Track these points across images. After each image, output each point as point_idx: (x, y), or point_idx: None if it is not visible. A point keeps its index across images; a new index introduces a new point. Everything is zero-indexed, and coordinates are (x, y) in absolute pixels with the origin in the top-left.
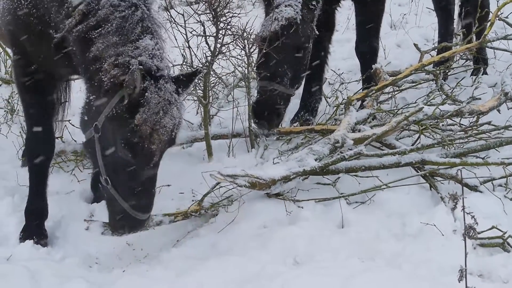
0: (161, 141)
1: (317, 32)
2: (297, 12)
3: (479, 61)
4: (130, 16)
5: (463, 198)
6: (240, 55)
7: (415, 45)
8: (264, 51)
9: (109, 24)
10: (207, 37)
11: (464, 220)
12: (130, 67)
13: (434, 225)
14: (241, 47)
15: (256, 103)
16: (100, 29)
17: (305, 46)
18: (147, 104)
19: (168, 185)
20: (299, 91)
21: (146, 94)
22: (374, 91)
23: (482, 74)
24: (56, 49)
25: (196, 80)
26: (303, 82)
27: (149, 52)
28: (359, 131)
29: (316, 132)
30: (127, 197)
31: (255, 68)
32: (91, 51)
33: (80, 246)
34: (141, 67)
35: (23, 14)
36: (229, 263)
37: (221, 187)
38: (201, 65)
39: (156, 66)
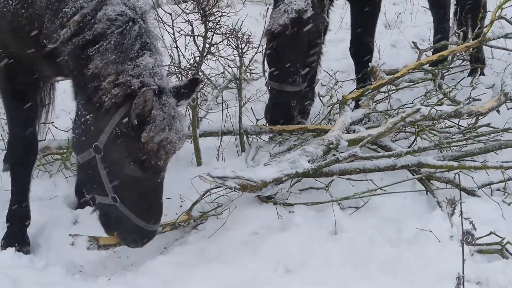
0: (168, 156)
1: (328, 20)
2: (307, 3)
3: (477, 61)
4: (128, 32)
5: (460, 203)
6: (232, 55)
7: (414, 43)
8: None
9: (107, 41)
10: (196, 36)
11: (462, 225)
12: (132, 87)
13: (431, 231)
14: (234, 46)
15: (269, 107)
16: (97, 45)
17: (317, 42)
18: (153, 122)
19: None
20: None
21: (152, 111)
22: (370, 90)
23: (480, 75)
24: (47, 57)
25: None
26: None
27: (149, 71)
28: (354, 132)
29: (310, 131)
30: (138, 211)
31: (264, 66)
32: (89, 69)
33: (64, 253)
34: (154, 87)
35: (9, 14)
36: (218, 270)
37: (210, 194)
38: (189, 66)
39: (158, 85)
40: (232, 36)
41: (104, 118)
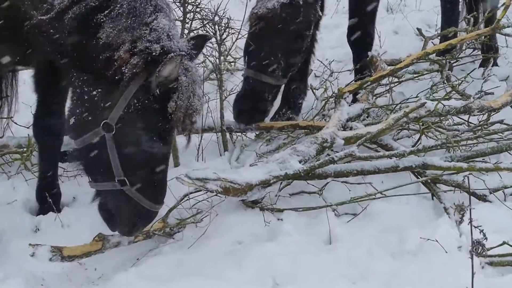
0: (193, 124)
1: (321, 14)
2: None
3: (489, 51)
4: None
5: (470, 209)
6: (211, 43)
7: (419, 30)
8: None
9: (118, 5)
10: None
11: (471, 234)
12: (153, 53)
13: (437, 241)
14: (212, 33)
15: (239, 96)
16: (107, 11)
17: (305, 34)
18: (180, 89)
19: None
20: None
21: (179, 78)
22: (369, 83)
23: (493, 66)
24: (21, 37)
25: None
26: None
27: (167, 34)
28: (351, 129)
29: (301, 128)
30: (147, 193)
31: (243, 53)
32: (99, 38)
33: (24, 265)
34: (182, 52)
35: None
36: (198, 285)
37: (189, 198)
38: None
39: (178, 48)
40: (211, 21)
41: (115, 91)
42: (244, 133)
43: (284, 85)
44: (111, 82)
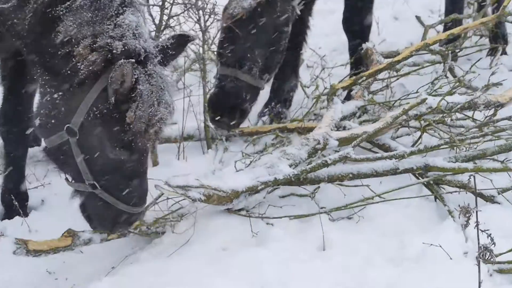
0: (157, 135)
1: (298, 12)
2: None
3: (497, 39)
4: None
5: (476, 212)
6: (193, 30)
7: (417, 17)
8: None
9: None
10: (151, 7)
11: (478, 239)
12: (114, 51)
13: (440, 246)
14: (195, 19)
15: (214, 95)
16: (68, 2)
17: (283, 30)
18: (140, 98)
19: None
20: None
21: (137, 86)
22: (364, 78)
23: (501, 55)
24: None
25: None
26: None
27: (133, 31)
28: (346, 128)
29: (290, 131)
30: (121, 196)
31: (217, 49)
32: (58, 32)
33: None
34: (132, 60)
35: None
36: None
37: (168, 198)
38: None
39: (144, 48)
40: (193, 6)
41: (78, 94)
42: (227, 140)
43: (274, 77)
44: (72, 84)
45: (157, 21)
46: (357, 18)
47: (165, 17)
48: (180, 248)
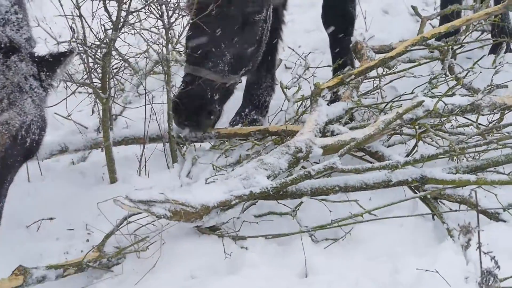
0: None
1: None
2: None
3: (501, 33)
4: None
5: (478, 231)
6: (156, 27)
7: (414, 8)
8: (192, 21)
9: None
10: (107, 1)
11: (481, 262)
12: None
13: (437, 272)
14: (157, 15)
15: (178, 96)
16: None
17: (255, 19)
18: None
19: (51, 219)
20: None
21: None
22: (353, 76)
23: (506, 52)
24: None
25: (68, 64)
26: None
27: (1, 16)
28: (332, 134)
29: (272, 134)
30: None
31: (184, 47)
32: None
33: None
34: None
35: None
36: None
37: (129, 222)
38: (99, 42)
39: (8, 37)
40: (155, 0)
41: None
42: (200, 142)
43: (246, 80)
44: None
45: (114, 17)
46: (338, 10)
47: (123, 13)
48: (144, 277)
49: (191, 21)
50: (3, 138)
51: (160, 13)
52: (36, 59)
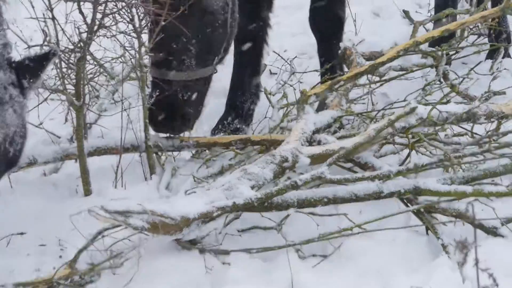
0: None
1: None
2: None
3: (499, 38)
4: None
5: (476, 247)
6: (132, 31)
7: (405, 12)
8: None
9: None
10: (82, 3)
11: (478, 280)
12: None
13: None
14: (128, 19)
15: (153, 104)
16: None
17: (220, 6)
18: None
19: (21, 233)
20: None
21: None
22: (342, 83)
23: (504, 57)
24: None
25: (50, 67)
26: (226, 51)
27: None
28: (320, 143)
29: (255, 144)
30: None
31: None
32: None
33: None
34: None
35: None
36: None
37: (104, 236)
38: (73, 46)
39: None
40: (125, 4)
41: None
42: (178, 151)
43: (230, 87)
44: None
45: (89, 20)
46: (326, 13)
47: (99, 16)
48: None
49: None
50: None
51: (130, 17)
52: (14, 66)
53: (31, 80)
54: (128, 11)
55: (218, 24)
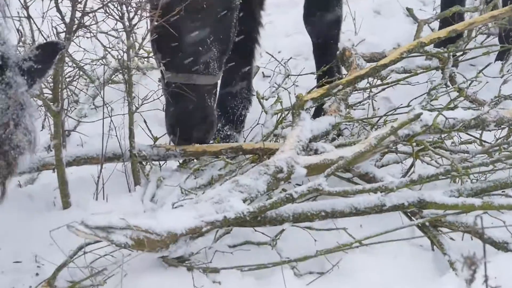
0: (11, 170)
1: None
2: None
3: (509, 38)
4: None
5: (485, 263)
6: (116, 30)
7: (409, 10)
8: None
9: None
10: (60, 0)
11: None
12: None
13: None
14: (117, 17)
15: (173, 115)
16: None
17: (233, 5)
18: None
19: None
20: None
21: None
22: (341, 87)
23: None
24: None
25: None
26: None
27: None
28: (317, 152)
29: (246, 153)
30: None
31: (153, 54)
32: None
33: None
34: None
35: None
36: None
37: (85, 252)
38: None
39: (1, 51)
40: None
41: None
42: (164, 161)
43: (219, 91)
44: None
45: (68, 19)
46: (322, 10)
47: (78, 14)
48: None
49: (156, 21)
50: (15, 162)
51: (120, 14)
52: (25, 69)
53: (37, 80)
54: (118, 8)
55: (233, 23)
